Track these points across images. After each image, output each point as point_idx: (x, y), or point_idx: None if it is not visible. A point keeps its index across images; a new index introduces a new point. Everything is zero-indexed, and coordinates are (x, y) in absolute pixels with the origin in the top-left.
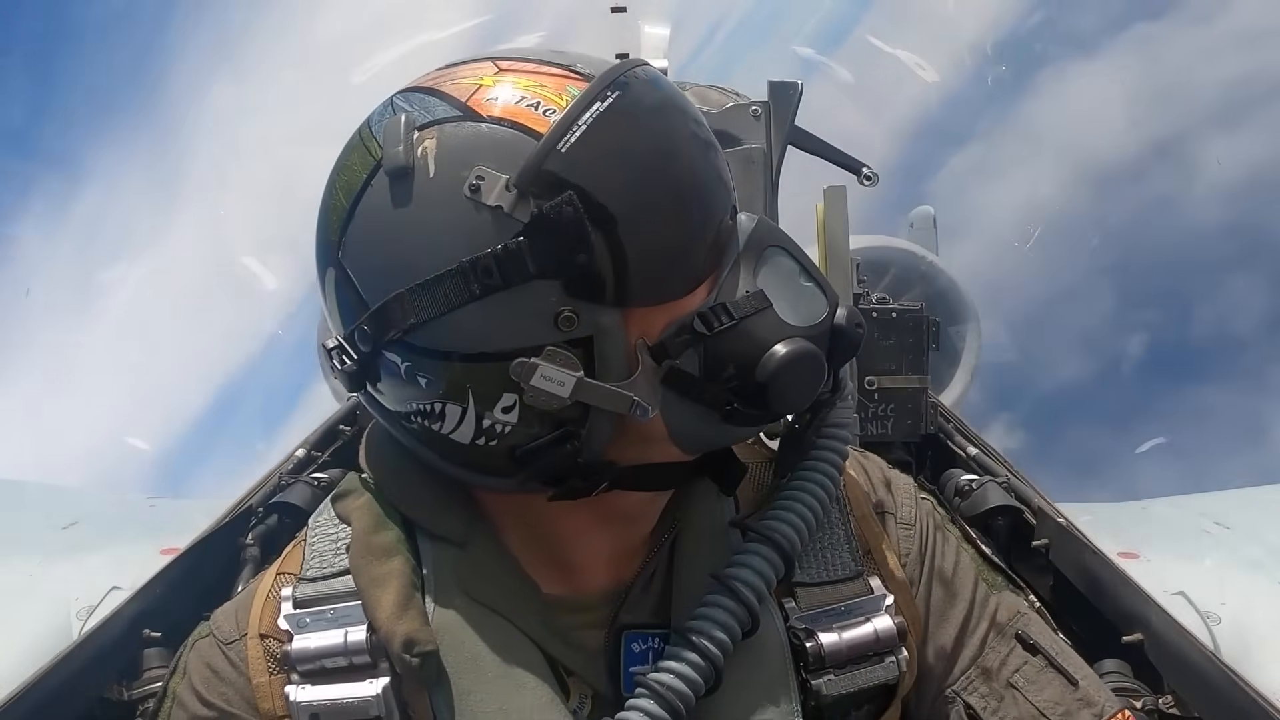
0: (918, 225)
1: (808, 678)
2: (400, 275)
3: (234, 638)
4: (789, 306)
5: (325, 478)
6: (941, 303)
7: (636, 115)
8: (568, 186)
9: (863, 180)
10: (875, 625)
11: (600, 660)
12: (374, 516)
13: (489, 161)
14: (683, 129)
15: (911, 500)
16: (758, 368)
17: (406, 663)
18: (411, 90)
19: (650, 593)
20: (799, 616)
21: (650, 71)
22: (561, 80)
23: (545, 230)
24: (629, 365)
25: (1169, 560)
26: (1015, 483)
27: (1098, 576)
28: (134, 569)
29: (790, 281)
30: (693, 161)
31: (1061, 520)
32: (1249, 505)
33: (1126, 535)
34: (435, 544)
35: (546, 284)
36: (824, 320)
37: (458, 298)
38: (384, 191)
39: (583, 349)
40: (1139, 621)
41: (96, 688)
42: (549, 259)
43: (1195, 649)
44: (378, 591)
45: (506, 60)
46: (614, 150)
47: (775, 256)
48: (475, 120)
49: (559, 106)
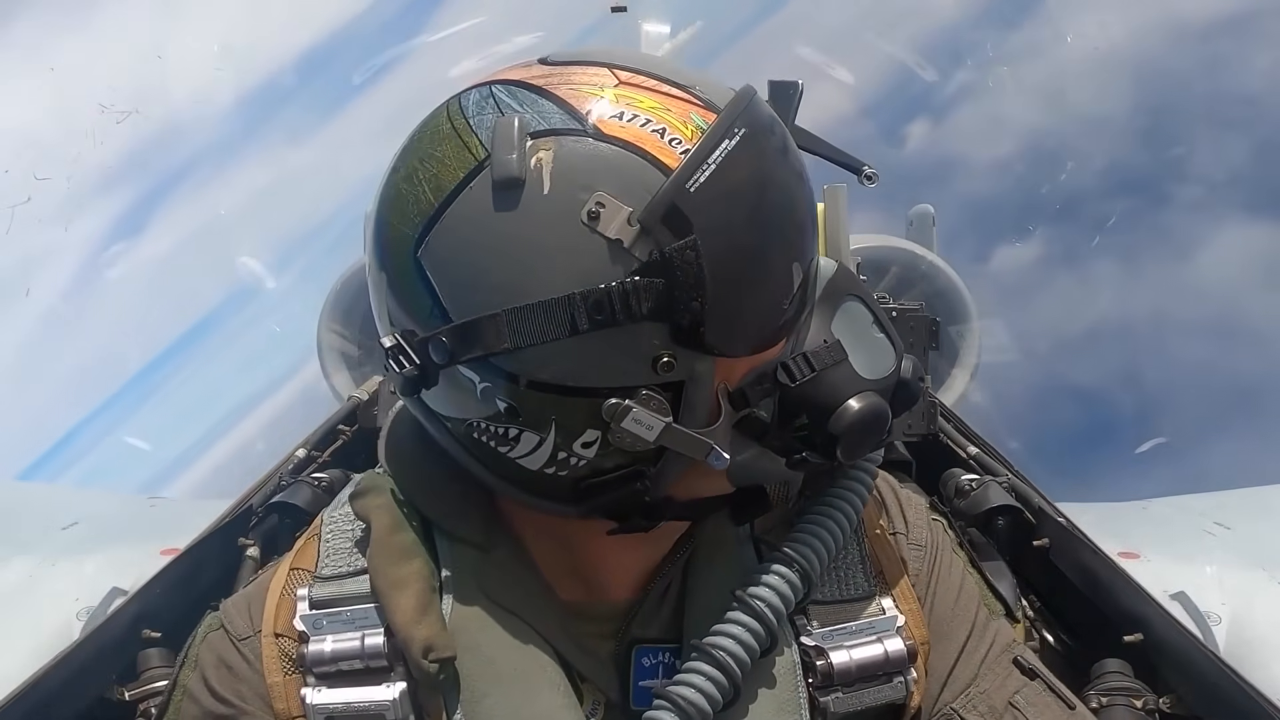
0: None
1: (817, 695)
2: (496, 294)
3: (247, 634)
4: (862, 358)
5: (325, 478)
6: (941, 302)
7: (760, 156)
8: (692, 229)
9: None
10: (886, 646)
11: (613, 669)
12: (393, 516)
13: (611, 187)
14: (794, 170)
15: (924, 521)
16: (831, 419)
17: (424, 668)
18: (517, 85)
19: (664, 607)
20: (811, 635)
21: (760, 102)
22: (686, 106)
23: (664, 273)
24: (712, 412)
25: (1169, 560)
26: (1016, 482)
27: (1098, 576)
28: (134, 569)
29: (864, 332)
30: (801, 209)
31: (1062, 520)
32: (1249, 505)
33: (1127, 535)
34: (455, 546)
35: (654, 326)
36: (892, 373)
37: (559, 329)
38: (486, 199)
39: (672, 393)
40: (1139, 621)
41: (97, 688)
42: (663, 302)
43: (1195, 649)
44: (396, 594)
45: (625, 71)
46: (738, 194)
47: (851, 305)
48: (597, 138)
49: (685, 137)
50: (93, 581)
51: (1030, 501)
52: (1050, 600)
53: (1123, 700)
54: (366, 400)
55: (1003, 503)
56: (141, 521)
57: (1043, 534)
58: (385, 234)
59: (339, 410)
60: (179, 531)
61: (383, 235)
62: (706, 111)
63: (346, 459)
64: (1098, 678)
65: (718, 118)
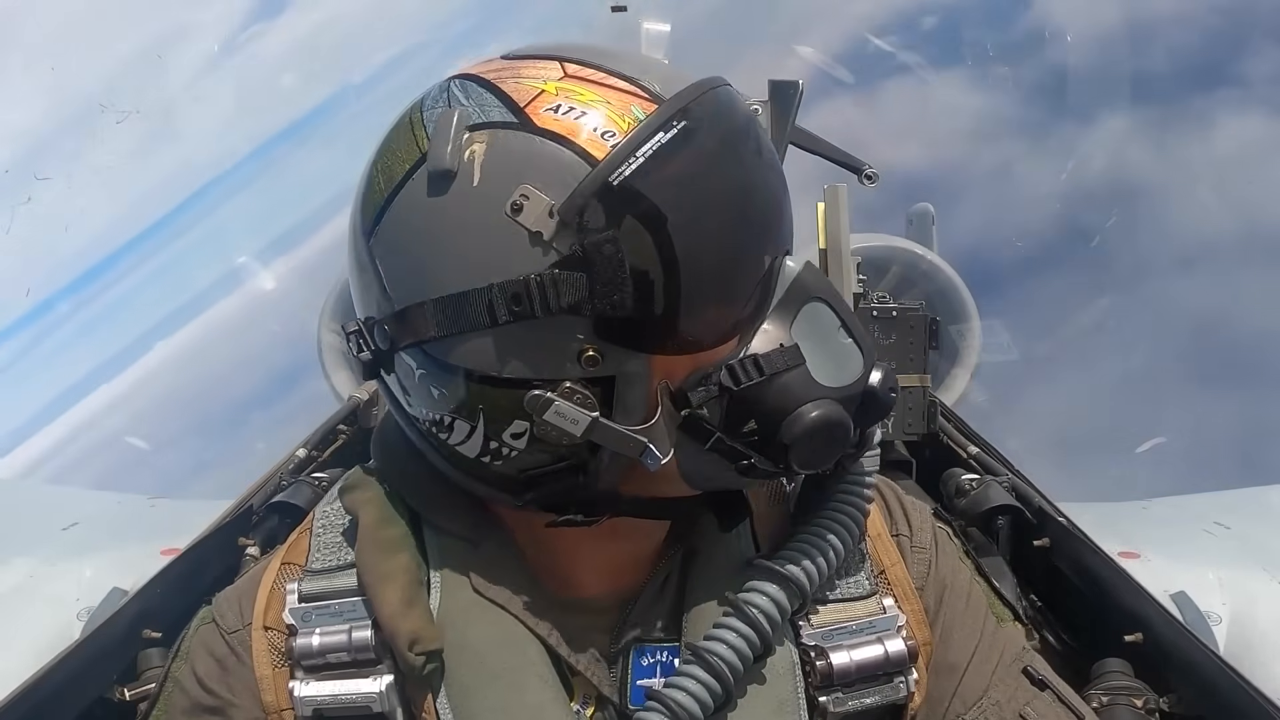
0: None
1: (815, 695)
2: (427, 283)
3: (237, 627)
4: (823, 364)
5: (325, 478)
6: (942, 301)
7: (701, 151)
8: (614, 224)
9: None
10: (886, 646)
11: (605, 666)
12: (382, 510)
13: (536, 180)
14: (751, 170)
15: (928, 527)
16: (782, 427)
17: (410, 661)
18: (471, 79)
19: (661, 604)
20: (810, 634)
21: (727, 95)
22: (628, 99)
23: (582, 267)
24: (648, 410)
25: (1169, 560)
26: (1016, 482)
27: (1098, 576)
28: (134, 569)
29: (828, 337)
30: (754, 210)
31: (1062, 520)
32: (1249, 505)
33: (1127, 535)
34: (443, 540)
35: (575, 319)
36: (857, 382)
37: (481, 320)
38: (423, 189)
39: (603, 388)
40: (1140, 621)
41: (97, 688)
42: (581, 296)
43: (1196, 648)
44: (383, 587)
45: (574, 64)
46: (671, 190)
47: (816, 308)
48: (530, 131)
49: (619, 130)
50: (93, 582)
51: (1031, 501)
52: (1050, 600)
53: (1123, 700)
54: (366, 400)
55: (1003, 502)
56: (141, 521)
57: (1043, 534)
58: (352, 218)
59: (339, 410)
60: (179, 531)
61: (351, 220)
62: (650, 104)
63: (346, 459)
64: (1098, 677)
65: (654, 110)
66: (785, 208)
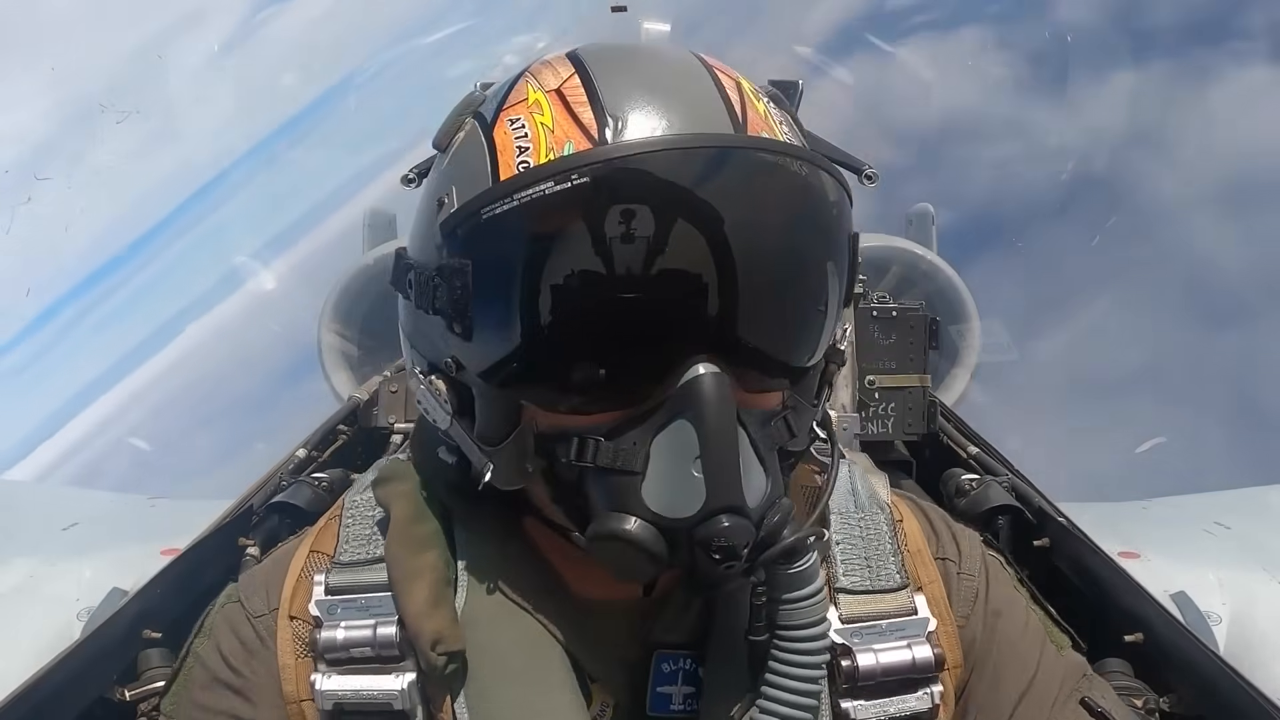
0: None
1: (839, 701)
2: (410, 235)
3: (263, 611)
4: (661, 486)
5: (325, 477)
6: (942, 301)
7: (586, 215)
8: (469, 252)
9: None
10: (914, 652)
11: (626, 672)
12: (414, 506)
13: (460, 183)
14: (629, 257)
15: (977, 554)
16: (591, 523)
17: (432, 660)
18: (527, 67)
19: (688, 614)
20: (838, 630)
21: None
22: (573, 133)
23: (445, 280)
24: (501, 434)
25: (1169, 560)
26: (1016, 482)
27: (1098, 576)
28: (134, 569)
29: (680, 462)
30: (615, 298)
31: (1062, 520)
32: (1249, 505)
33: (1127, 535)
34: (472, 537)
35: (443, 324)
36: (684, 519)
37: (403, 285)
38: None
39: (467, 398)
40: (1140, 621)
41: (97, 688)
42: (442, 306)
43: (1196, 648)
44: (410, 585)
45: (579, 78)
46: (535, 241)
47: (682, 427)
48: (485, 135)
49: (534, 163)
50: (93, 582)
51: (1031, 501)
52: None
53: (1123, 700)
54: (367, 400)
55: (1003, 502)
56: (141, 521)
57: (1043, 534)
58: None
59: (339, 410)
60: (179, 531)
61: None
62: (585, 144)
63: (346, 459)
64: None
65: (560, 156)
66: (682, 305)
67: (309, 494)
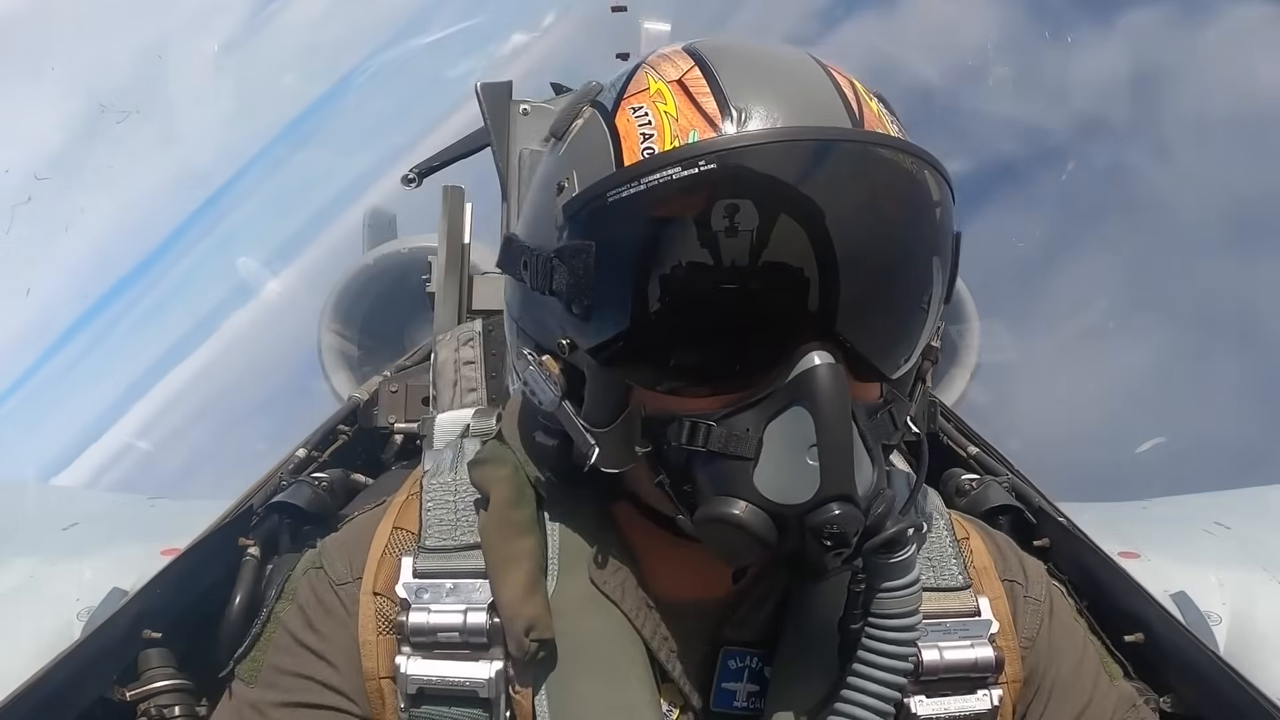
0: None
1: (902, 696)
2: (520, 220)
3: (346, 580)
4: (775, 472)
5: (325, 477)
6: None
7: (712, 201)
8: (593, 235)
9: None
10: (977, 652)
11: (695, 670)
12: (514, 490)
13: (580, 169)
14: (746, 242)
15: (1043, 581)
16: (700, 506)
17: (524, 646)
18: (643, 59)
19: (759, 613)
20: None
21: (782, 154)
22: (698, 121)
23: (565, 263)
24: (609, 416)
25: (1169, 560)
26: (1016, 482)
27: (1098, 576)
28: (134, 569)
29: (795, 449)
30: (731, 284)
31: (1062, 520)
32: (1249, 505)
33: (1127, 535)
34: (566, 525)
35: (559, 306)
36: (796, 505)
37: (516, 270)
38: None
39: (578, 379)
40: (1139, 621)
41: (97, 688)
42: (560, 289)
43: (1196, 648)
44: (507, 571)
45: (700, 69)
46: (661, 224)
47: (797, 413)
48: (607, 123)
49: (659, 149)
50: (93, 582)
51: (1030, 501)
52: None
53: None
54: (367, 400)
55: (1003, 502)
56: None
57: (1043, 534)
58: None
59: (339, 410)
60: (179, 531)
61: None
62: (711, 133)
63: (346, 459)
64: None
65: (685, 143)
66: (803, 294)
67: (309, 494)
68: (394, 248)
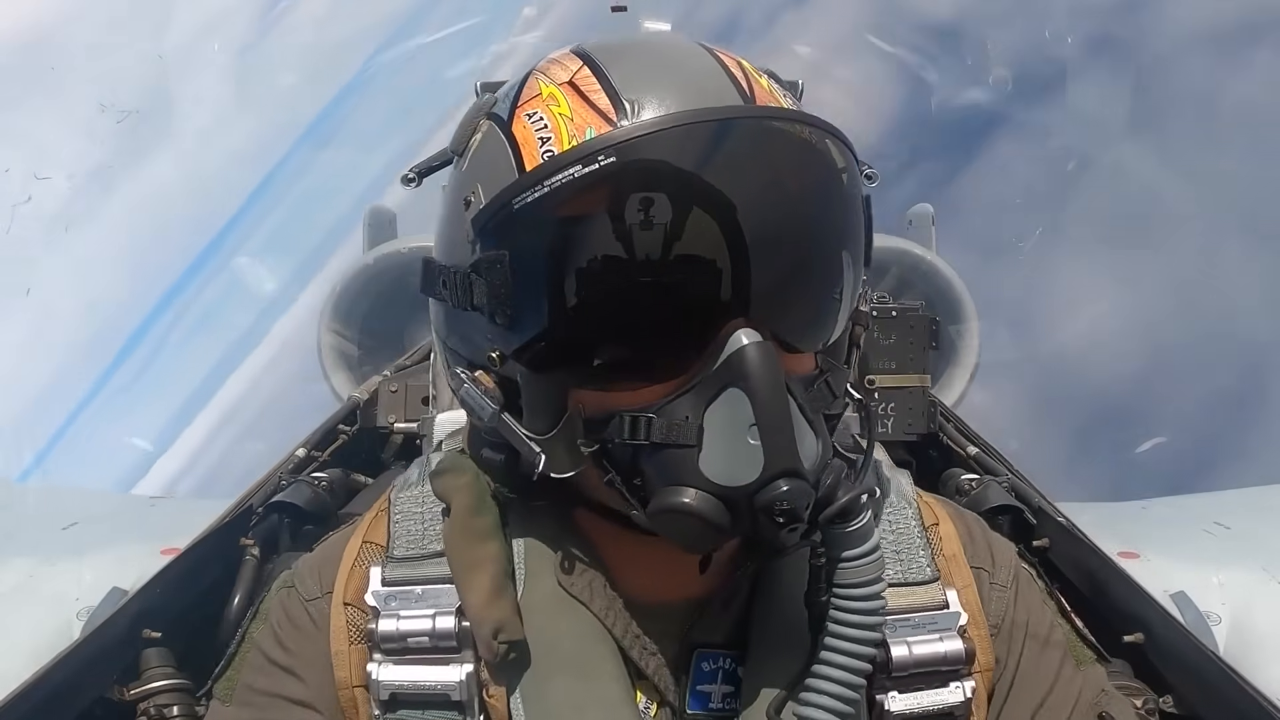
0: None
1: (874, 692)
2: (434, 243)
3: (316, 595)
4: (718, 456)
5: (325, 477)
6: (941, 302)
7: (616, 194)
8: (505, 244)
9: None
10: (945, 645)
11: (668, 670)
12: (475, 497)
13: (484, 181)
14: (657, 227)
15: (1010, 565)
16: (651, 499)
17: (493, 649)
18: (534, 66)
19: (728, 614)
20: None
21: (683, 138)
22: (593, 119)
23: (482, 276)
24: (550, 422)
25: (1169, 560)
26: (1016, 482)
27: (1098, 576)
28: (134, 569)
29: (735, 430)
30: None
31: (1062, 520)
32: (1249, 505)
33: (1127, 535)
34: (530, 529)
35: (482, 319)
36: (743, 486)
37: (438, 291)
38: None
39: (512, 389)
40: (1139, 621)
41: (97, 688)
42: (482, 302)
43: (1195, 649)
44: (472, 576)
45: (590, 69)
46: (569, 223)
47: (735, 396)
48: (504, 132)
49: (558, 151)
50: (93, 581)
51: (1030, 501)
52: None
53: None
54: (366, 400)
55: (1003, 503)
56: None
57: (1043, 534)
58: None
59: (339, 410)
60: (179, 531)
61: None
62: (607, 129)
63: (346, 459)
64: None
65: (583, 141)
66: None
67: (309, 493)
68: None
